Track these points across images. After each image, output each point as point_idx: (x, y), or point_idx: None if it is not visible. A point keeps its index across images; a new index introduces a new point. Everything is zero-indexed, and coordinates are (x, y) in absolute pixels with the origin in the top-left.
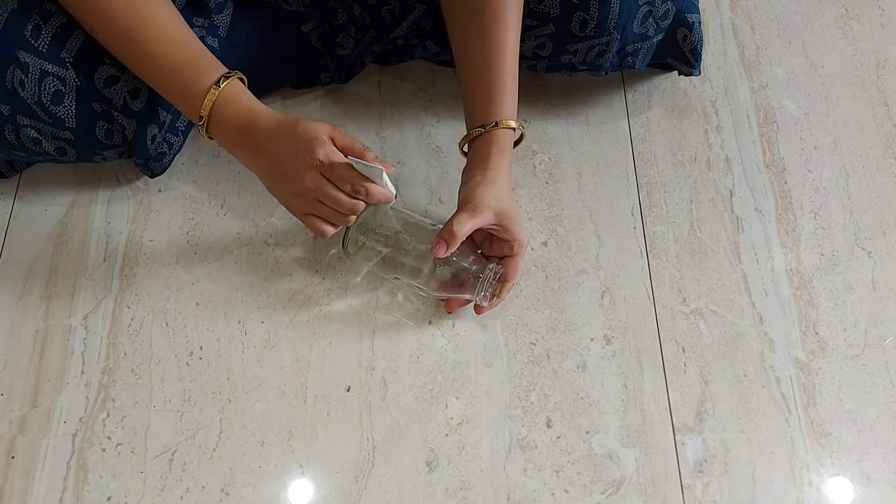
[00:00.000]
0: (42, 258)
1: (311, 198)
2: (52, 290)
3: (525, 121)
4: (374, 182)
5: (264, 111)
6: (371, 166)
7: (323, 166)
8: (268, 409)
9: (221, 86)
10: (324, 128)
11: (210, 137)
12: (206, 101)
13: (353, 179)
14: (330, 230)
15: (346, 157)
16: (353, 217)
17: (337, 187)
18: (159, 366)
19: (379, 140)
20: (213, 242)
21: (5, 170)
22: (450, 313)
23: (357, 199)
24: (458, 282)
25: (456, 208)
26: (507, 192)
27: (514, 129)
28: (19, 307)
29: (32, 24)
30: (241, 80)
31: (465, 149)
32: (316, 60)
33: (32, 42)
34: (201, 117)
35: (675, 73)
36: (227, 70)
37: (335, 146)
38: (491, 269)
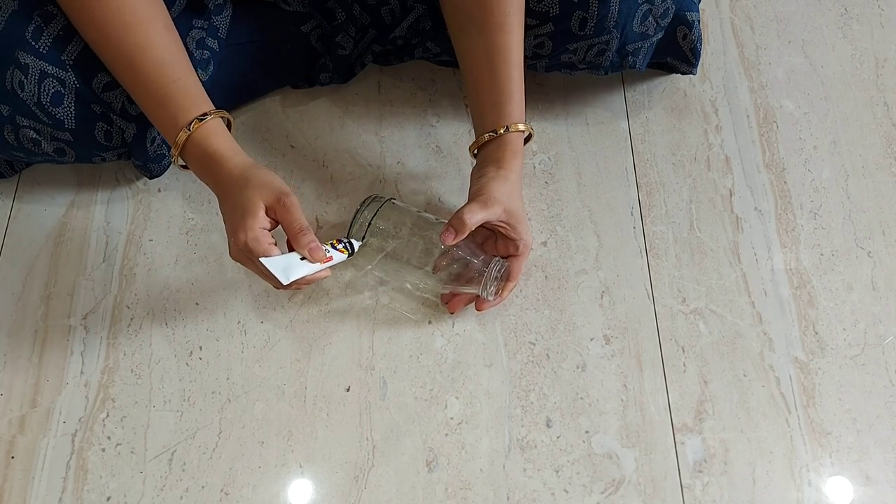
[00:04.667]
0: (41, 258)
1: (242, 263)
2: (51, 291)
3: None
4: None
5: (226, 160)
6: (276, 263)
7: (243, 255)
8: (267, 409)
9: (192, 129)
10: (265, 198)
11: (182, 166)
12: (177, 139)
13: (271, 276)
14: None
15: (272, 262)
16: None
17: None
18: (159, 366)
19: (378, 140)
20: (212, 242)
21: (4, 170)
22: (452, 314)
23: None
24: (463, 276)
25: (454, 208)
26: (518, 192)
27: (523, 131)
28: (19, 307)
29: (34, 25)
30: (226, 119)
31: (476, 152)
32: (315, 60)
33: (33, 44)
34: (175, 143)
35: (675, 72)
36: (207, 109)
37: (274, 216)
38: (497, 262)
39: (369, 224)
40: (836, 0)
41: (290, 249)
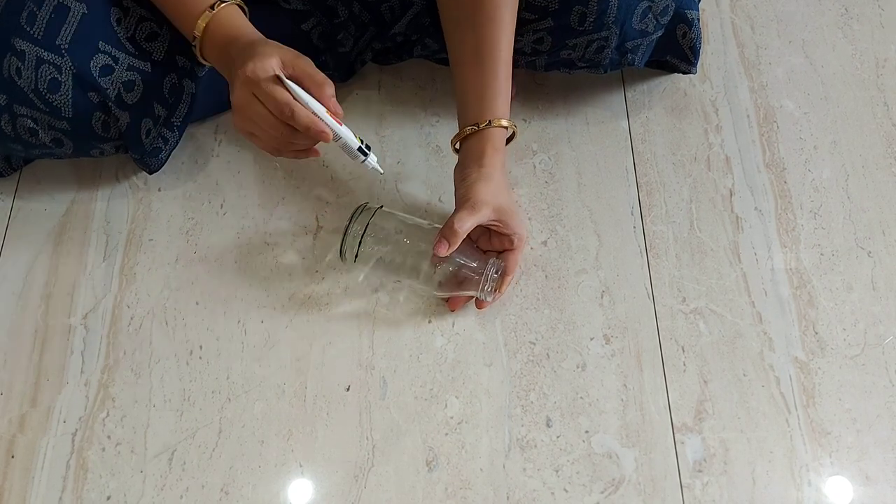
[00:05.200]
0: (42, 257)
1: (245, 116)
2: (51, 290)
3: (525, 120)
4: (304, 107)
5: (247, 32)
6: (296, 89)
7: (250, 82)
8: (267, 409)
9: (215, 9)
10: (281, 51)
11: (204, 59)
12: (199, 22)
13: (277, 98)
14: (274, 152)
15: (286, 79)
16: (294, 142)
17: (266, 107)
18: (159, 365)
19: (379, 139)
20: (212, 242)
21: (3, 169)
22: (453, 311)
23: (283, 120)
24: (459, 279)
25: (454, 208)
26: (504, 188)
27: (506, 127)
28: (19, 306)
29: (27, 11)
30: (242, 7)
31: (458, 146)
32: (315, 58)
33: (28, 29)
34: (194, 37)
35: (675, 72)
36: None
37: (291, 71)
38: (492, 265)
39: (362, 236)
40: (837, 0)
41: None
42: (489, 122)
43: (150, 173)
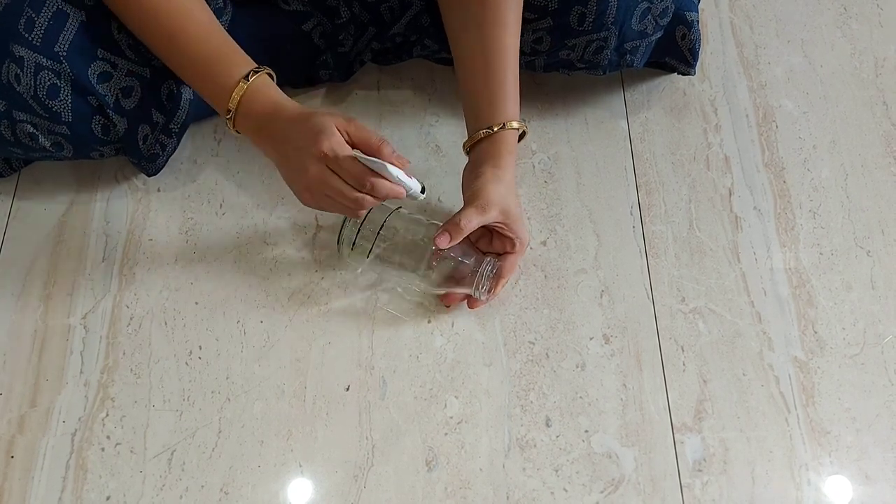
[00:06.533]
0: (41, 258)
1: (320, 191)
2: (51, 290)
3: (524, 120)
4: (381, 176)
5: (288, 104)
6: (375, 161)
7: (327, 158)
8: (267, 409)
9: (250, 80)
10: (336, 120)
11: (237, 132)
12: (234, 94)
13: (357, 173)
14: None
15: (353, 150)
16: (364, 211)
17: (343, 180)
18: (158, 365)
19: None
20: (212, 242)
21: (3, 169)
22: (448, 307)
23: (363, 193)
24: (455, 276)
25: (454, 208)
26: (513, 191)
27: (518, 129)
28: (18, 307)
29: (25, 17)
30: (270, 75)
31: (468, 149)
32: (316, 58)
33: (26, 36)
34: (229, 111)
35: (674, 72)
36: (256, 65)
37: (348, 138)
38: (488, 263)
39: (360, 228)
40: None
41: None
42: (503, 125)
43: (150, 176)
